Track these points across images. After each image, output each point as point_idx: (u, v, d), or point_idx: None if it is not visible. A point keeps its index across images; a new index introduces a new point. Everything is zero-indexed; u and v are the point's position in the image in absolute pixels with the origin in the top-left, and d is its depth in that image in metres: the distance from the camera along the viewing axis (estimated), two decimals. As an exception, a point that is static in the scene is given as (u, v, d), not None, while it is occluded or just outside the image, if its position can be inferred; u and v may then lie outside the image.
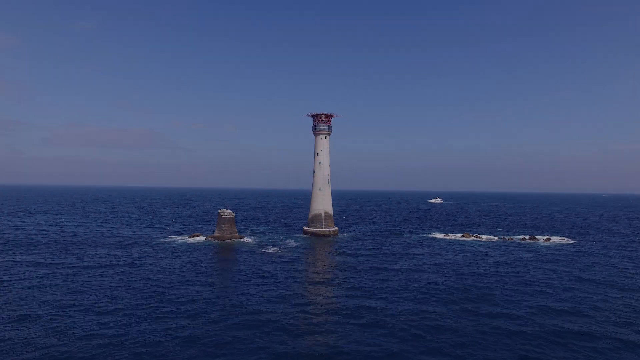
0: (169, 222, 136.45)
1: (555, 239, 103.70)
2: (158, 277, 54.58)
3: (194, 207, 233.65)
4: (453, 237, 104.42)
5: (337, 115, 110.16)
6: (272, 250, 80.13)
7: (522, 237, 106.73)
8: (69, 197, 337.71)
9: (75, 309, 40.62)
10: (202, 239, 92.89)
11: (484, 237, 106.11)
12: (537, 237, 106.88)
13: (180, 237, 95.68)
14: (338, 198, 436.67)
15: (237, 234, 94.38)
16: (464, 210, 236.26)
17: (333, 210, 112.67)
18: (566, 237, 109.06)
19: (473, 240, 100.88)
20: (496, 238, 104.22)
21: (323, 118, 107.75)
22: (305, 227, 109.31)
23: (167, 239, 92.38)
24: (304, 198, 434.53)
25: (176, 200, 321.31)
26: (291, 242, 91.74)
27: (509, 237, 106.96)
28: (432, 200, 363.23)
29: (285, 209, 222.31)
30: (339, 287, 51.71)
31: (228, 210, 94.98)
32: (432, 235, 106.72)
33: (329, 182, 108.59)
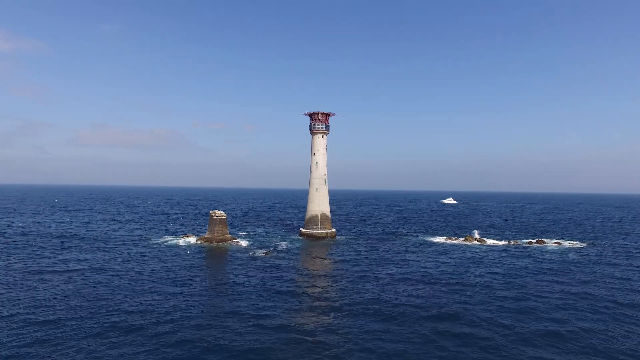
0: (170, 222, 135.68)
1: (565, 243, 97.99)
2: (121, 283, 52.25)
3: (203, 207, 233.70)
4: (454, 241, 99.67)
5: (334, 114, 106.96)
6: (258, 253, 77.41)
7: (529, 240, 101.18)
8: (86, 197, 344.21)
9: None
10: (192, 240, 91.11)
11: (487, 240, 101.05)
12: (546, 240, 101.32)
13: (171, 238, 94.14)
14: (349, 199, 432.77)
15: (228, 235, 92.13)
16: (475, 212, 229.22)
17: (331, 211, 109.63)
18: (578, 241, 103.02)
19: (474, 244, 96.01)
20: (500, 242, 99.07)
21: (320, 117, 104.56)
22: (301, 229, 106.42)
23: (157, 240, 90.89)
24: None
25: (189, 200, 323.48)
26: (283, 245, 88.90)
27: (514, 240, 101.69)
28: (445, 201, 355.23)
29: (293, 210, 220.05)
30: (306, 298, 48.36)
31: (219, 211, 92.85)
32: (432, 239, 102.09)
33: (325, 183, 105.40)
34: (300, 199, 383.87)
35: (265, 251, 79.96)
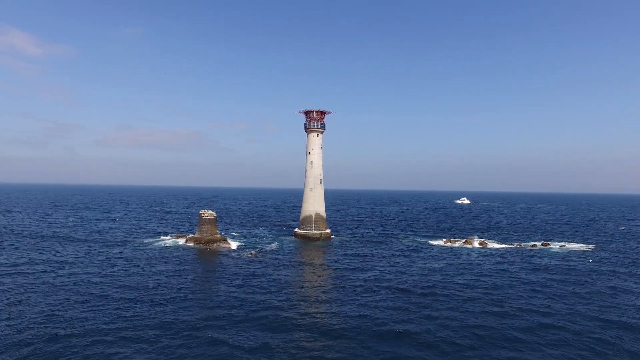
0: (168, 222, 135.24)
1: (572, 246, 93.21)
2: (73, 288, 50.25)
3: (211, 206, 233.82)
4: (453, 244, 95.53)
5: (330, 112, 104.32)
6: (242, 255, 75.39)
7: (533, 243, 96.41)
8: (105, 196, 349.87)
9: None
10: (180, 241, 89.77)
11: (489, 243, 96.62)
12: (552, 243, 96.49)
13: (161, 238, 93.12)
14: (361, 199, 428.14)
15: (218, 236, 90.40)
16: (488, 213, 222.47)
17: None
18: (587, 244, 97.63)
19: (474, 247, 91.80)
20: (502, 245, 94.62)
21: (315, 115, 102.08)
22: (296, 230, 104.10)
23: (146, 241, 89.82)
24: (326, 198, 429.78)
25: (201, 200, 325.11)
26: (272, 247, 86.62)
27: (518, 243, 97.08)
28: (459, 201, 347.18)
29: (297, 209, 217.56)
30: (265, 307, 45.98)
31: (209, 211, 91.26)
32: (430, 242, 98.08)
33: (321, 182, 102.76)
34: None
35: (250, 252, 77.91)
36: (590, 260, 74.82)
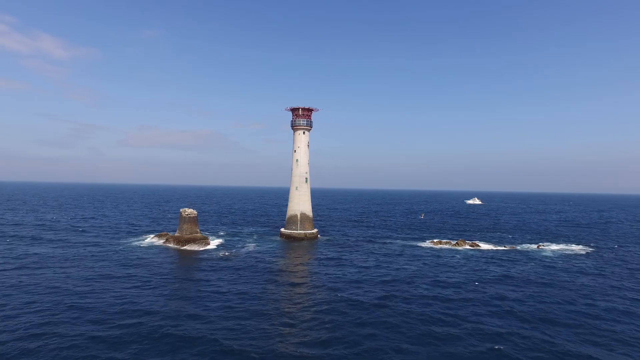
0: (165, 220, 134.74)
1: (572, 248, 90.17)
2: (8, 293, 49.37)
3: (212, 204, 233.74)
4: (444, 245, 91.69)
5: (317, 110, 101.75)
6: (215, 255, 73.43)
7: (527, 245, 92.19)
8: (117, 196, 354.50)
9: None
10: (156, 240, 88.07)
11: (481, 244, 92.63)
12: (547, 245, 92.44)
13: (142, 238, 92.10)
14: (372, 198, 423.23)
15: (198, 234, 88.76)
16: (496, 213, 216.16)
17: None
18: (586, 246, 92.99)
19: (463, 249, 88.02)
20: (496, 247, 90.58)
21: (301, 112, 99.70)
22: (281, 229, 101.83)
23: (125, 240, 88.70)
24: (335, 197, 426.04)
25: (210, 198, 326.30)
26: (251, 246, 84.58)
27: (512, 245, 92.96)
28: (470, 201, 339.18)
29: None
30: (221, 308, 43.85)
31: (190, 210, 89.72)
32: (419, 244, 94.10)
33: (307, 181, 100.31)
34: (321, 197, 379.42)
35: (224, 253, 75.98)
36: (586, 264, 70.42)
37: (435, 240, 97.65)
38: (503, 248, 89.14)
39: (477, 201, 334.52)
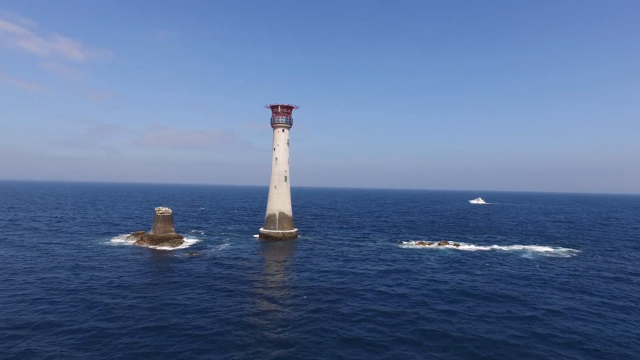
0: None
1: (559, 250, 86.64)
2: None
3: (212, 203, 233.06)
4: (426, 246, 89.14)
5: (297, 107, 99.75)
6: (182, 255, 71.79)
7: (512, 247, 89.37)
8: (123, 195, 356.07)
9: None
10: (130, 240, 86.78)
11: (462, 245, 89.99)
12: (529, 247, 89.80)
13: (117, 237, 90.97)
14: (377, 199, 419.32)
15: (172, 233, 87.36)
16: (497, 213, 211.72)
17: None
18: (573, 247, 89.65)
19: (443, 248, 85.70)
20: (478, 247, 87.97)
21: (280, 110, 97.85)
22: (261, 229, 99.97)
23: (97, 240, 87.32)
24: (335, 197, 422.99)
25: (214, 197, 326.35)
26: (224, 246, 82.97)
27: (497, 245, 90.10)
28: (473, 201, 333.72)
29: (295, 207, 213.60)
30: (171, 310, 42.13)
31: (164, 208, 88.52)
32: (401, 245, 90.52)
33: (286, 180, 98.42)
34: (321, 197, 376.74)
35: (191, 252, 74.25)
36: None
37: (418, 241, 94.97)
38: (485, 248, 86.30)
39: (481, 201, 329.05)
